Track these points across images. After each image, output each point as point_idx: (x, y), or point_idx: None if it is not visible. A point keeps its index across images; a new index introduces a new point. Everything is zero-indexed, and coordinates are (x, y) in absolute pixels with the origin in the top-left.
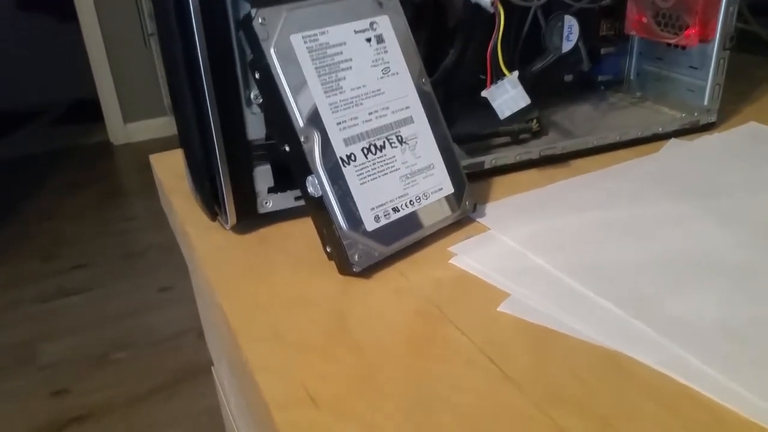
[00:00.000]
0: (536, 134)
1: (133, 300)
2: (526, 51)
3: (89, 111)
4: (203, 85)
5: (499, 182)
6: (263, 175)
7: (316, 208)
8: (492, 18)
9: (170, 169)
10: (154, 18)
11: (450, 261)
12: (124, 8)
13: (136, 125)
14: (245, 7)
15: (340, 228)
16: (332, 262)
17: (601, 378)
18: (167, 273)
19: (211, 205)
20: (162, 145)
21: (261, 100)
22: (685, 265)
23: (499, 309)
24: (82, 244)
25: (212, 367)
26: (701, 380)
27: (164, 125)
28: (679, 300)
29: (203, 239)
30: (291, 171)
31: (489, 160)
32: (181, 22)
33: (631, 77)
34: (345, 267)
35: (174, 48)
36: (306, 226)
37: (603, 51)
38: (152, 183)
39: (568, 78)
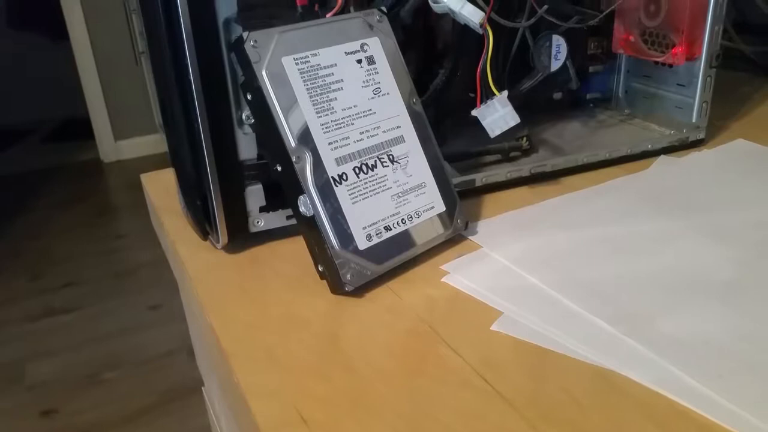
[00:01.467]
0: (526, 152)
1: (123, 319)
2: (515, 69)
3: (80, 129)
4: (195, 105)
5: (491, 200)
6: (255, 195)
7: (308, 227)
8: (481, 38)
9: (161, 189)
10: (145, 36)
11: (442, 279)
12: (115, 26)
13: (127, 143)
14: (237, 30)
15: (332, 247)
16: (324, 281)
17: (595, 397)
18: (157, 291)
19: (203, 224)
20: (153, 162)
21: (252, 121)
22: (676, 282)
23: (492, 328)
24: (72, 263)
25: (203, 388)
26: (694, 398)
27: (155, 142)
28: (671, 317)
29: (194, 259)
30: (283, 190)
31: (480, 178)
32: (173, 44)
33: (620, 95)
34: (337, 286)
35: (166, 69)
36: (297, 245)
37: (591, 69)
38: (143, 201)
39: (558, 96)
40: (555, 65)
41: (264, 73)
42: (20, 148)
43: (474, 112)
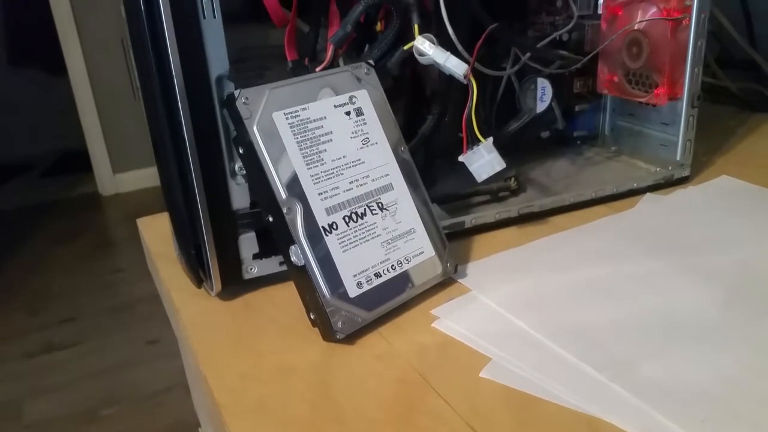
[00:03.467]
0: (515, 192)
1: (122, 354)
2: (503, 110)
3: (78, 162)
4: (189, 159)
5: (480, 241)
6: (248, 243)
7: (299, 276)
8: (466, 85)
9: (157, 234)
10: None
11: (432, 324)
12: (113, 61)
13: (125, 176)
14: (229, 86)
15: (323, 295)
16: (316, 328)
17: None
18: (155, 325)
19: (197, 272)
20: (150, 194)
21: (245, 172)
22: (662, 324)
23: (481, 375)
24: (70, 298)
25: (199, 429)
26: None
27: (153, 175)
28: (655, 361)
29: (189, 306)
30: (275, 240)
31: (469, 220)
32: (167, 102)
33: (606, 132)
34: (329, 334)
35: (160, 124)
36: (290, 291)
37: (577, 108)
38: (140, 235)
39: (545, 134)
40: (541, 107)
41: (255, 128)
42: (19, 183)
43: (461, 158)
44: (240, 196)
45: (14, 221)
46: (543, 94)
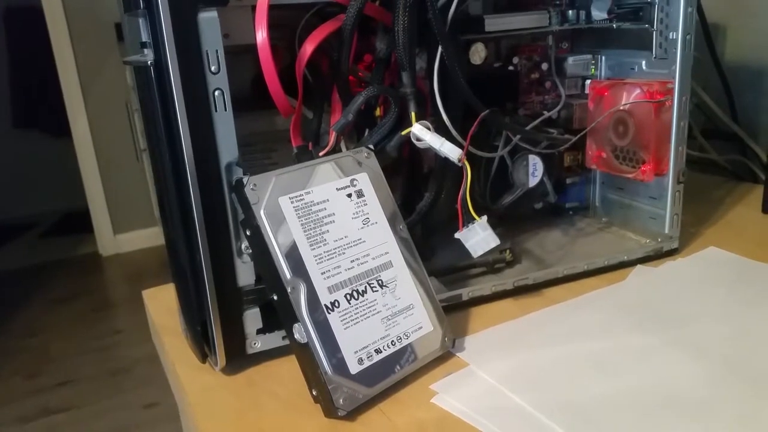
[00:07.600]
0: (510, 263)
1: (119, 419)
2: (498, 182)
3: (79, 223)
4: (198, 239)
5: (477, 313)
6: (252, 318)
7: (302, 352)
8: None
9: (162, 306)
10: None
11: (432, 400)
12: (116, 123)
13: (126, 236)
14: (238, 172)
15: (325, 372)
16: (318, 404)
17: None
18: (153, 388)
19: (202, 347)
20: (150, 254)
21: (251, 251)
22: (654, 401)
23: None
24: (68, 360)
25: None
26: None
27: (153, 235)
28: None
29: (193, 381)
30: (279, 317)
31: (466, 293)
32: (179, 186)
33: (597, 204)
34: (331, 411)
35: (171, 207)
36: (292, 365)
37: (569, 180)
38: (139, 295)
39: (538, 206)
40: (533, 182)
41: (262, 213)
42: (20, 243)
43: (457, 235)
44: (245, 274)
45: (14, 282)
46: (534, 170)
